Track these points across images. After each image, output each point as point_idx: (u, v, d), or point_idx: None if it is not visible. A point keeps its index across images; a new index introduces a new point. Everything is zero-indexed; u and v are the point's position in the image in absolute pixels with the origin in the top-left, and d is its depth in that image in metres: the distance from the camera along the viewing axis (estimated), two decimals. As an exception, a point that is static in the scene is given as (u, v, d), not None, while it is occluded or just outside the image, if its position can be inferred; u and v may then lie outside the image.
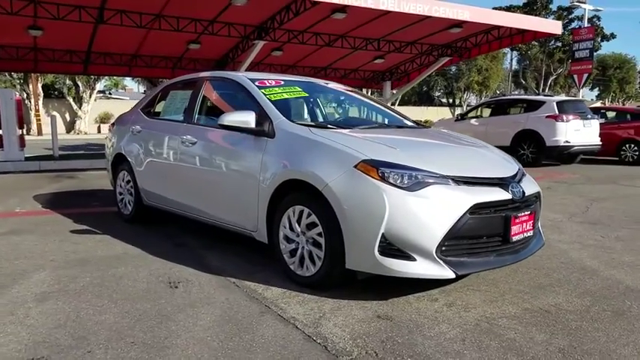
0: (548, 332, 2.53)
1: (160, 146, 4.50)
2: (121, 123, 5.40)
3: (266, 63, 14.53)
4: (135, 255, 3.89)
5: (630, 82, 50.54)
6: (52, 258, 3.77)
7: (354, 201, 2.81)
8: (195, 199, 4.04)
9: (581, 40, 21.03)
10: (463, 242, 2.82)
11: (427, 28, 11.87)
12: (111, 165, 5.36)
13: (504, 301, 2.95)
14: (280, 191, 3.26)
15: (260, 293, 3.06)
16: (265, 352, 2.30)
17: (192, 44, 12.20)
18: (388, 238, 2.74)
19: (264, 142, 3.42)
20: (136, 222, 4.99)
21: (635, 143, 12.53)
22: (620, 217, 5.52)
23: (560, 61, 38.10)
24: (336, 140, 3.12)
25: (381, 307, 2.84)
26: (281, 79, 4.08)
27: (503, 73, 45.66)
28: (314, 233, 3.03)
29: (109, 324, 2.58)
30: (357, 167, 2.86)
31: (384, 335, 2.49)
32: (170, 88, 4.94)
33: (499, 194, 2.93)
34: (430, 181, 2.80)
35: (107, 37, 11.53)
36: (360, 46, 12.96)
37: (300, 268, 3.15)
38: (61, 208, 5.75)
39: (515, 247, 3.05)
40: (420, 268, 2.74)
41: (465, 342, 2.42)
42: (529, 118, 11.98)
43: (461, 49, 14.28)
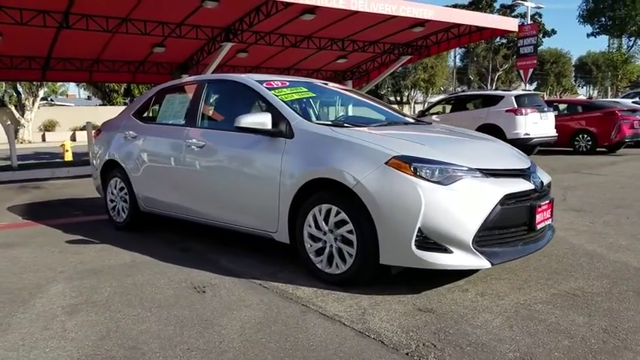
0: (586, 314, 2.66)
1: (160, 151, 4.37)
2: (109, 129, 5.19)
3: (230, 65, 14.33)
4: (145, 262, 3.77)
5: (566, 76, 53.49)
6: (60, 270, 3.59)
7: (388, 197, 2.85)
8: (205, 203, 3.95)
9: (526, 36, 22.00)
10: (495, 232, 2.91)
11: (391, 28, 12.09)
12: (100, 172, 5.13)
13: (530, 288, 3.08)
14: (303, 191, 3.25)
15: (291, 293, 3.05)
16: (326, 350, 2.30)
17: (157, 47, 11.85)
18: (424, 231, 2.80)
19: (282, 143, 3.40)
20: (130, 229, 4.82)
21: (588, 133, 13.22)
22: (598, 203, 5.85)
23: (506, 57, 39.83)
24: (361, 138, 3.15)
25: (417, 301, 2.89)
26: (285, 80, 4.06)
27: (448, 71, 47.24)
28: (344, 231, 3.05)
29: (154, 332, 2.50)
30: (388, 164, 2.90)
31: (433, 327, 2.54)
32: (165, 92, 4.80)
33: (524, 185, 3.06)
34: (461, 175, 2.88)
35: (69, 43, 11.00)
36: (326, 46, 13.05)
37: (329, 266, 3.16)
38: (44, 219, 5.46)
39: (538, 235, 3.19)
40: (457, 260, 2.82)
41: (513, 328, 2.51)
42: (489, 113, 12.40)
43: (421, 47, 14.65)
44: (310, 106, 4.01)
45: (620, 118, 12.83)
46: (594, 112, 13.44)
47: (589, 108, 13.90)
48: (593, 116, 13.31)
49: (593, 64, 56.24)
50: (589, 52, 57.07)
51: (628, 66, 32.97)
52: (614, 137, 12.83)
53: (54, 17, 9.60)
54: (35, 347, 2.34)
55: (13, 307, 2.86)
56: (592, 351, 2.26)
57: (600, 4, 31.32)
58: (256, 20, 10.19)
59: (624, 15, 30.04)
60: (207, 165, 3.91)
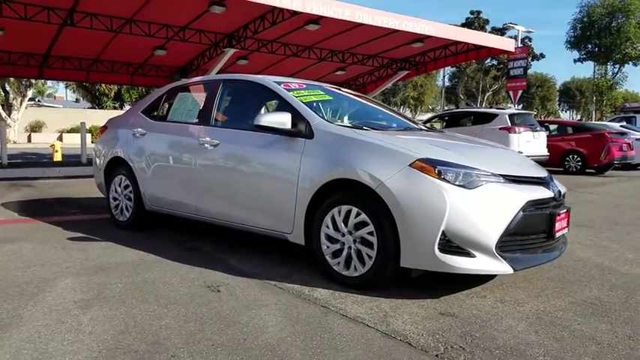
0: (608, 322, 2.66)
1: (171, 149, 4.30)
2: (115, 126, 5.11)
3: (230, 71, 14.29)
4: (153, 261, 3.68)
5: (550, 100, 54.62)
6: (66, 265, 3.49)
7: (412, 199, 2.82)
8: (217, 202, 3.89)
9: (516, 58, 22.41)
10: (517, 238, 2.91)
11: (391, 42, 12.23)
12: (104, 170, 5.03)
13: (547, 296, 3.07)
14: (321, 192, 3.22)
15: (308, 294, 2.99)
16: (355, 350, 2.25)
17: (159, 50, 11.78)
18: (448, 235, 2.78)
19: (301, 143, 3.37)
20: (134, 228, 4.72)
21: (578, 154, 13.45)
22: (598, 220, 5.91)
23: (495, 78, 40.52)
24: (384, 140, 3.14)
25: (438, 305, 2.86)
26: (302, 82, 4.05)
27: (437, 90, 47.94)
28: (364, 232, 3.01)
29: (174, 328, 2.42)
30: (412, 166, 2.89)
31: (458, 331, 2.51)
32: (177, 91, 4.74)
33: (544, 192, 3.07)
34: (485, 180, 2.88)
35: (69, 41, 10.89)
36: (326, 57, 13.12)
37: (346, 268, 3.11)
38: (41, 217, 5.32)
39: (555, 244, 3.20)
40: (480, 264, 2.80)
41: (539, 333, 2.49)
42: (483, 130, 12.47)
43: (418, 63, 14.83)
44: (328, 108, 3.99)
45: (610, 140, 13.08)
46: (584, 133, 13.70)
47: (579, 129, 14.17)
48: (583, 137, 13.56)
49: (576, 90, 57.59)
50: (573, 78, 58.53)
51: (613, 92, 33.81)
52: (603, 159, 13.06)
53: (58, 14, 9.51)
54: (52, 340, 2.25)
55: (22, 300, 2.76)
56: (621, 357, 2.25)
57: (587, 32, 32.17)
58: (261, 28, 10.21)
59: (610, 43, 30.88)
60: (221, 164, 3.86)
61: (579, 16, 32.99)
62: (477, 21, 38.89)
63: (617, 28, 30.72)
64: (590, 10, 32.18)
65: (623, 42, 30.54)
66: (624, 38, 30.35)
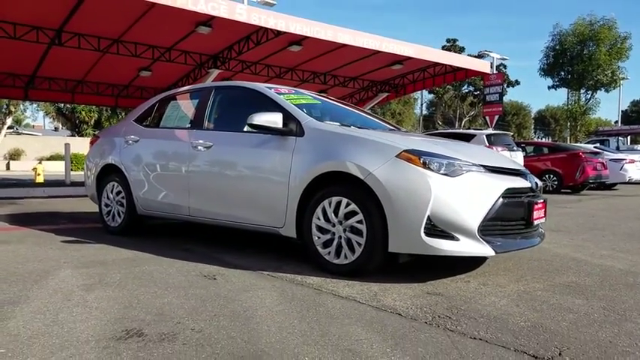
0: (584, 298, 2.85)
1: (164, 153, 4.45)
2: (108, 135, 5.25)
3: (213, 94, 14.61)
4: (149, 258, 3.77)
5: (526, 127, 56.09)
6: (63, 261, 3.56)
7: (399, 187, 3.02)
8: (211, 202, 4.02)
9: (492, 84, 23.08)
10: (497, 223, 3.11)
11: (371, 64, 12.66)
12: (96, 178, 5.13)
13: (527, 281, 3.26)
14: (311, 186, 3.39)
15: (301, 281, 3.13)
16: (349, 318, 2.39)
17: (144, 71, 11.98)
18: (433, 220, 2.97)
19: (292, 141, 3.56)
20: (125, 234, 4.80)
21: (554, 174, 13.89)
22: (574, 226, 6.17)
23: (472, 105, 41.63)
24: (372, 135, 3.35)
25: (425, 287, 3.02)
26: (291, 88, 4.27)
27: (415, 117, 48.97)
28: (353, 221, 3.18)
29: (177, 304, 2.53)
30: (399, 156, 3.09)
31: (444, 305, 2.67)
32: (170, 99, 4.92)
33: (522, 182, 3.30)
34: (467, 169, 3.09)
35: (56, 61, 11.01)
36: (308, 79, 13.48)
37: (337, 257, 3.27)
38: (32, 225, 5.37)
39: (533, 232, 3.41)
40: (464, 247, 2.98)
41: (520, 307, 2.66)
42: None
43: (398, 85, 15.31)
44: (317, 111, 4.20)
45: (584, 159, 13.55)
46: (560, 153, 14.18)
47: (555, 150, 14.67)
48: (558, 157, 14.03)
49: (551, 117, 59.42)
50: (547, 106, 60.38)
51: (586, 118, 35.07)
52: (578, 178, 13.50)
53: (47, 33, 9.66)
54: (61, 312, 2.34)
55: (26, 285, 2.84)
56: (596, 322, 2.43)
57: (560, 60, 33.54)
58: (245, 48, 10.51)
59: (582, 70, 32.22)
60: (215, 164, 4.01)
61: (552, 45, 34.42)
62: (453, 49, 40.15)
63: (588, 55, 32.11)
64: (562, 38, 33.61)
65: (594, 69, 31.88)
66: (595, 65, 31.69)
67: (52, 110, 41.92)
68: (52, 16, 9.14)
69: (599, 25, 31.96)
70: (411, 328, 2.29)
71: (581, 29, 32.55)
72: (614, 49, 31.67)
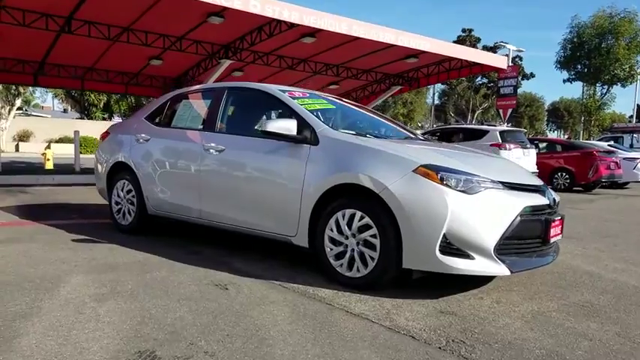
0: (598, 322, 2.80)
1: (175, 154, 4.42)
2: (118, 132, 5.22)
3: (224, 83, 14.50)
4: (159, 262, 3.77)
5: (539, 119, 55.33)
6: (74, 264, 3.57)
7: (414, 203, 2.97)
8: (222, 206, 4.00)
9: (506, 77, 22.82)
10: (514, 242, 3.06)
11: (386, 57, 12.50)
12: (107, 175, 5.12)
13: (541, 299, 3.21)
14: (325, 196, 3.35)
15: (312, 294, 3.11)
16: (362, 342, 2.37)
17: (154, 60, 11.93)
18: (449, 237, 2.92)
19: (306, 149, 3.51)
20: (136, 232, 4.80)
21: (566, 172, 13.71)
22: (587, 233, 6.09)
23: (485, 97, 41.15)
24: (388, 146, 3.29)
25: (438, 305, 2.99)
26: (305, 91, 4.21)
27: (426, 107, 48.52)
28: (367, 235, 3.14)
29: (189, 320, 2.52)
30: (416, 171, 3.04)
31: (458, 327, 2.64)
32: (181, 98, 4.88)
33: (540, 199, 3.24)
34: (485, 186, 3.03)
35: (65, 49, 10.98)
36: (321, 71, 13.36)
37: (349, 270, 3.24)
38: (42, 220, 5.39)
39: (549, 249, 3.35)
40: (479, 266, 2.94)
41: (534, 330, 2.62)
42: (474, 146, 12.56)
43: (412, 79, 15.13)
44: (331, 117, 4.15)
45: (598, 158, 13.36)
46: (573, 151, 13.98)
47: (568, 148, 14.47)
48: (571, 155, 13.84)
49: (565, 110, 58.58)
50: (562, 98, 59.52)
51: (601, 113, 34.54)
52: (591, 176, 13.33)
53: (56, 21, 9.62)
54: (73, 328, 2.34)
55: (38, 294, 2.84)
56: (612, 351, 2.39)
57: (577, 52, 32.90)
58: (258, 39, 10.41)
59: (599, 64, 31.61)
60: (226, 169, 3.98)
61: (569, 37, 33.73)
62: (468, 39, 39.65)
63: (606, 49, 31.43)
64: (580, 30, 32.91)
65: (612, 63, 31.23)
66: (613, 59, 31.04)
67: (61, 92, 42.07)
68: (62, 3, 9.10)
69: (620, 18, 31.15)
70: (424, 355, 2.26)
71: (600, 22, 31.80)
72: (633, 42, 30.93)
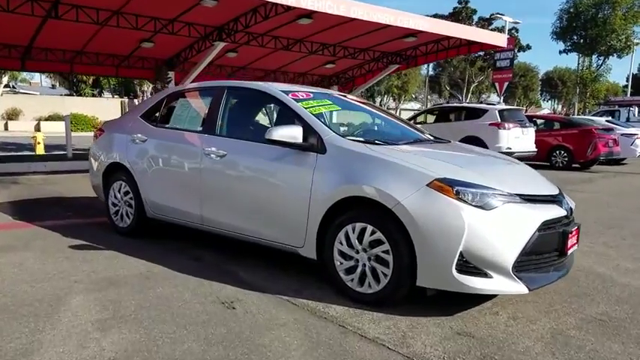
0: (619, 341, 2.72)
1: (175, 157, 4.24)
2: (114, 130, 5.00)
3: (217, 64, 14.12)
4: (161, 273, 3.64)
5: (533, 90, 54.99)
6: (74, 279, 3.43)
7: (430, 219, 2.83)
8: (226, 214, 3.85)
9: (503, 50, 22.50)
10: (532, 258, 2.94)
11: (384, 36, 12.18)
12: (103, 175, 4.93)
13: (558, 312, 3.12)
14: (335, 207, 3.21)
15: (324, 312, 3.00)
16: (381, 378, 2.27)
17: (146, 43, 11.52)
18: (465, 255, 2.80)
19: (313, 158, 3.35)
20: (134, 235, 4.66)
21: (565, 150, 13.61)
22: (591, 223, 6.00)
23: (481, 69, 40.67)
24: (400, 157, 3.13)
25: (453, 323, 2.89)
26: (308, 91, 4.00)
27: (421, 79, 47.97)
28: (379, 250, 3.02)
29: (198, 354, 2.41)
30: (430, 185, 2.90)
31: (477, 352, 2.54)
32: (179, 96, 4.66)
33: (557, 211, 3.11)
34: (502, 200, 2.90)
35: (53, 33, 10.55)
36: (317, 51, 13.01)
37: (360, 285, 3.13)
38: (36, 220, 5.21)
39: (565, 261, 3.25)
40: (496, 285, 2.83)
41: (556, 355, 2.54)
42: (473, 125, 12.53)
43: (409, 57, 14.81)
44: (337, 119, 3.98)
45: (597, 136, 13.26)
46: (571, 129, 13.84)
47: (567, 125, 14.31)
48: (570, 133, 13.71)
49: (559, 79, 58.15)
50: (555, 68, 58.96)
51: (596, 84, 34.32)
52: (589, 154, 13.26)
53: (42, 6, 9.21)
54: (77, 370, 2.22)
55: (39, 323, 2.70)
56: (640, 382, 2.31)
57: (573, 23, 32.49)
58: (252, 21, 10.06)
59: (595, 35, 31.24)
60: (229, 175, 3.81)
61: (566, 7, 33.25)
62: (464, 11, 38.85)
63: (603, 19, 31.03)
64: (576, 0, 32.40)
65: (608, 34, 30.89)
66: (610, 30, 30.70)
67: (53, 71, 41.05)
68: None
69: (617, -13, 30.79)
70: (447, 392, 2.16)
71: (597, -9, 31.38)
72: (630, 12, 30.56)
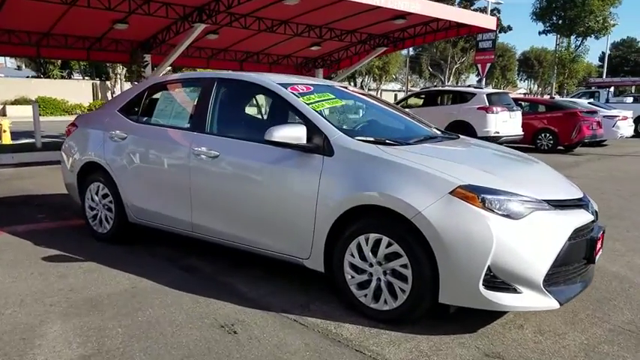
0: (659, 359, 2.51)
1: (158, 158, 3.84)
2: (89, 125, 4.54)
3: (196, 46, 13.46)
4: (149, 289, 3.28)
5: (510, 70, 55.35)
6: (50, 302, 3.04)
7: (454, 231, 2.55)
8: (220, 221, 3.48)
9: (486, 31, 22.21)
10: (561, 270, 2.69)
11: (372, 18, 11.74)
12: (77, 175, 4.49)
13: (584, 323, 2.91)
14: (345, 216, 2.89)
15: (336, 333, 2.71)
16: (414, 422, 1.99)
17: (119, 24, 10.80)
18: (494, 270, 2.53)
19: (319, 161, 3.00)
20: (116, 242, 4.26)
21: (550, 132, 13.58)
22: (592, 213, 5.86)
23: (464, 50, 40.45)
24: (417, 161, 2.81)
25: (479, 342, 2.64)
26: (308, 83, 3.64)
27: (401, 59, 47.65)
28: (396, 264, 2.73)
29: (201, 401, 2.09)
30: (453, 193, 2.60)
31: (512, 380, 2.29)
32: (162, 88, 4.22)
33: (585, 216, 2.86)
34: (531, 207, 2.63)
35: (15, 12, 9.73)
36: (302, 33, 12.48)
37: (375, 301, 2.84)
38: (4, 225, 4.72)
39: (590, 267, 3.01)
40: (526, 301, 2.57)
41: (598, 381, 2.31)
42: (461, 110, 12.38)
43: (397, 39, 14.40)
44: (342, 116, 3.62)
45: (581, 119, 13.24)
46: (556, 112, 13.80)
47: (551, 108, 14.26)
48: (555, 116, 13.68)
49: (535, 60, 58.51)
50: (532, 48, 59.25)
51: (575, 65, 34.53)
52: (574, 137, 13.25)
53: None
54: None
55: (9, 364, 2.34)
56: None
57: (553, 4, 32.44)
58: (235, 2, 9.49)
59: (574, 16, 31.29)
60: (222, 179, 3.44)
61: (546, -13, 33.17)
62: (444, -10, 38.38)
63: (581, 0, 31.09)
64: (557, -19, 32.39)
65: (587, 15, 31.00)
66: (588, 11, 30.80)
67: (18, 55, 39.16)
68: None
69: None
70: None
71: (576, -28, 31.34)
72: (607, -7, 30.74)
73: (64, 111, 29.10)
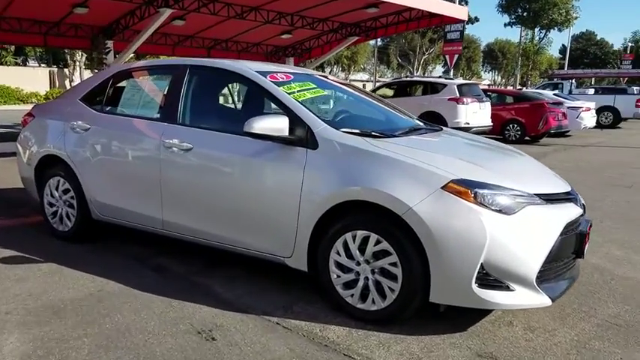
0: (646, 352, 2.48)
1: (125, 150, 3.58)
2: (47, 115, 4.20)
3: (162, 32, 12.93)
4: (117, 292, 3.04)
5: (476, 61, 56.32)
6: (5, 310, 2.76)
7: (445, 227, 2.43)
8: (193, 218, 3.26)
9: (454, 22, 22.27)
10: (553, 265, 2.62)
11: (344, 6, 11.54)
12: (35, 169, 4.16)
13: (572, 318, 2.86)
14: (330, 212, 2.73)
15: (322, 336, 2.56)
16: None
17: (79, 8, 10.21)
18: (486, 267, 2.44)
19: (302, 154, 2.83)
20: (78, 240, 3.97)
21: (517, 123, 13.80)
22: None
23: (432, 41, 40.75)
24: (407, 154, 2.67)
25: (470, 342, 2.54)
26: (288, 72, 3.43)
27: (370, 49, 47.74)
28: (385, 263, 2.60)
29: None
30: (445, 188, 2.48)
31: (508, 383, 2.20)
32: (128, 75, 3.93)
33: (575, 210, 2.80)
34: (523, 202, 2.54)
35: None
36: (273, 20, 12.15)
37: (362, 301, 2.70)
38: (-43, 222, 4.39)
39: (576, 262, 2.96)
40: (519, 299, 2.49)
41: (594, 380, 2.24)
42: (432, 101, 12.39)
43: (369, 29, 14.25)
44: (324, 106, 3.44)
45: (548, 110, 13.50)
46: (524, 103, 14.02)
47: (519, 99, 14.49)
48: (522, 107, 13.90)
49: (499, 51, 59.65)
50: (496, 40, 60.35)
51: (539, 57, 35.34)
52: (541, 128, 13.51)
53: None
54: None
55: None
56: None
57: (519, -4, 33.13)
58: (204, -14, 9.12)
59: (538, 8, 31.96)
60: (196, 173, 3.22)
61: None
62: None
63: (545, -7, 31.83)
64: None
65: (550, 7, 31.71)
66: (552, 4, 31.51)
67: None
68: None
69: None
70: None
71: (539, -35, 31.98)
72: (570, -13, 31.55)
73: (19, 100, 27.77)
